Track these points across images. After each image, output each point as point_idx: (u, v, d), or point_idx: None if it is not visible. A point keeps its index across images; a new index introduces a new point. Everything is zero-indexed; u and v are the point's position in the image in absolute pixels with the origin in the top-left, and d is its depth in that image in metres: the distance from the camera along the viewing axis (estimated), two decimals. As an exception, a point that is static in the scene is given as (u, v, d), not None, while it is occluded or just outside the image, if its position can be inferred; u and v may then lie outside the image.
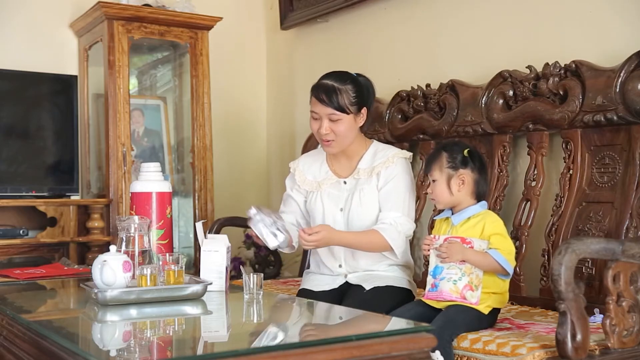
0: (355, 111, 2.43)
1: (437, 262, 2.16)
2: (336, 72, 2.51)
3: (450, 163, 2.20)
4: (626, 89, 2.32)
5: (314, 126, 2.46)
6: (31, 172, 3.53)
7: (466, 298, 2.09)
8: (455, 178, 2.19)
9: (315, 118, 2.45)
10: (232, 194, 4.05)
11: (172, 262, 2.12)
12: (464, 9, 3.08)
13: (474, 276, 2.10)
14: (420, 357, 1.56)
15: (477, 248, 2.11)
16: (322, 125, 2.42)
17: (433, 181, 2.23)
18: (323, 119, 2.42)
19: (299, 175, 2.59)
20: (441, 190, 2.21)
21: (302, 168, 2.61)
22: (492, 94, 2.77)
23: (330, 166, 2.57)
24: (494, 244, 2.11)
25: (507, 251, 2.11)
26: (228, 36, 4.05)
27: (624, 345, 1.92)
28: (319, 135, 2.45)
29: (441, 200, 2.22)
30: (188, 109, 3.82)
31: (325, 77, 2.48)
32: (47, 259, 3.36)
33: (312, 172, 2.59)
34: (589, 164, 2.48)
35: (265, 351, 1.47)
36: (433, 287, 2.15)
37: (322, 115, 2.42)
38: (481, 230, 2.14)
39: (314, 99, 2.45)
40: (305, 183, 2.57)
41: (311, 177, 2.58)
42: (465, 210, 2.19)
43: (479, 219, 2.16)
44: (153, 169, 2.47)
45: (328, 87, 2.42)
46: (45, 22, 3.73)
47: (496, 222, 2.16)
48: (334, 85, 2.42)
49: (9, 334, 1.92)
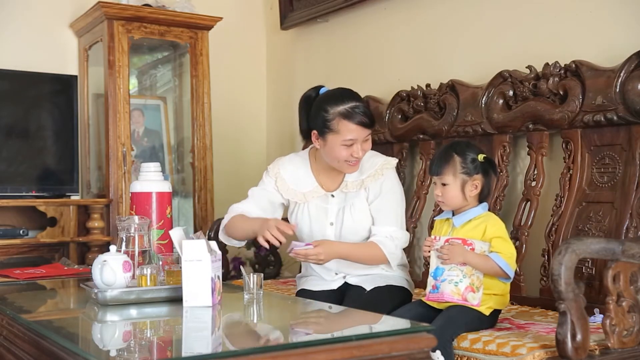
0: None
1: (438, 263, 2.15)
2: (348, 90, 2.42)
3: (465, 168, 2.16)
4: (626, 89, 2.32)
5: (345, 152, 2.34)
6: (31, 172, 3.53)
7: (467, 300, 2.09)
8: (469, 183, 2.16)
9: (349, 145, 2.34)
10: (232, 194, 4.04)
11: (172, 262, 2.12)
12: (464, 9, 3.08)
13: (475, 278, 2.10)
14: (420, 357, 1.56)
15: (478, 250, 2.11)
16: (357, 149, 2.34)
17: (443, 184, 2.18)
18: (358, 143, 2.34)
19: (281, 183, 2.52)
20: (454, 194, 2.17)
21: (284, 176, 2.53)
22: (492, 94, 2.77)
23: (317, 178, 2.51)
24: (495, 247, 2.10)
25: (508, 255, 2.10)
26: (228, 36, 4.05)
27: (624, 345, 1.91)
28: (350, 159, 2.36)
29: (452, 204, 2.19)
30: (188, 109, 3.82)
31: (349, 98, 2.36)
32: (47, 259, 3.36)
33: (295, 181, 2.52)
34: (589, 164, 2.48)
35: (265, 351, 1.47)
36: (434, 289, 2.15)
37: (359, 139, 2.34)
38: (483, 232, 2.13)
39: (350, 124, 2.31)
40: (289, 192, 2.50)
41: (294, 187, 2.51)
42: (467, 212, 2.18)
43: (481, 220, 2.15)
44: (153, 169, 2.47)
45: (364, 109, 2.34)
46: (45, 22, 3.74)
47: (498, 225, 2.15)
48: (362, 104, 2.36)
49: (9, 334, 1.92)
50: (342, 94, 2.39)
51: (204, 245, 1.93)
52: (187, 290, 1.92)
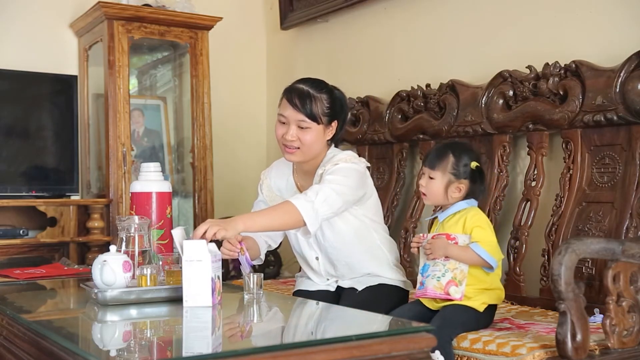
0: (326, 122, 2.32)
1: (425, 260, 2.18)
2: (312, 79, 2.39)
3: (455, 170, 2.17)
4: (626, 89, 2.32)
5: (280, 131, 2.32)
6: (31, 172, 3.53)
7: (450, 294, 2.10)
8: (454, 185, 2.17)
9: (283, 122, 2.32)
10: (232, 194, 4.05)
11: (172, 262, 2.12)
12: (464, 9, 3.08)
13: (457, 271, 2.11)
14: (420, 357, 1.56)
15: (461, 243, 2.12)
16: (289, 131, 2.29)
17: (430, 178, 2.20)
18: (291, 125, 2.30)
19: (267, 190, 2.51)
20: (436, 190, 2.19)
21: (269, 182, 2.52)
22: (492, 94, 2.77)
23: (297, 181, 2.48)
24: (474, 237, 2.11)
25: (487, 243, 2.10)
26: (228, 36, 4.05)
27: (624, 345, 1.92)
28: (283, 141, 2.32)
29: (432, 198, 2.21)
30: (188, 109, 3.82)
31: (300, 81, 2.36)
32: (47, 259, 3.36)
33: (278, 186, 2.50)
34: (589, 164, 2.48)
35: (265, 351, 1.46)
36: (420, 285, 2.17)
37: (291, 120, 2.30)
38: (462, 225, 2.14)
39: (285, 101, 2.32)
40: (274, 199, 2.47)
41: (278, 192, 2.49)
42: (451, 207, 2.20)
43: (461, 214, 2.17)
44: (153, 169, 2.46)
45: (303, 92, 2.30)
46: (45, 22, 3.74)
47: (477, 216, 2.15)
48: (310, 91, 2.31)
49: (9, 334, 1.92)
50: (306, 77, 2.40)
51: (204, 245, 1.93)
52: (187, 290, 1.91)
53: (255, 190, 2.58)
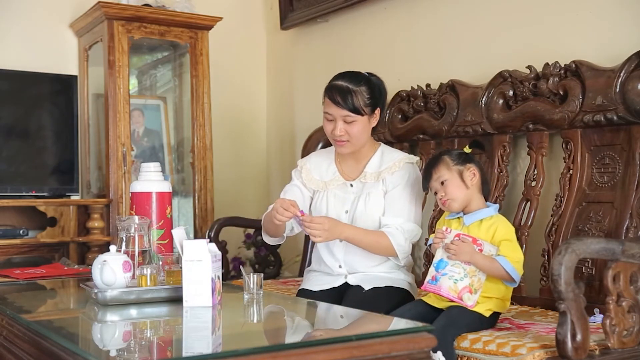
0: (369, 112, 2.42)
1: (444, 256, 2.14)
2: (349, 73, 2.49)
3: (456, 161, 2.21)
4: (626, 89, 2.32)
5: (328, 127, 2.44)
6: (31, 172, 3.53)
7: (463, 299, 2.09)
8: (466, 171, 2.19)
9: (330, 119, 2.43)
10: (232, 194, 4.05)
11: (172, 262, 2.12)
12: (464, 9, 3.08)
13: (475, 279, 2.09)
14: (421, 357, 1.56)
15: (486, 252, 2.10)
16: (337, 127, 2.40)
17: (442, 183, 2.20)
18: (337, 121, 2.40)
19: (306, 173, 2.59)
20: (456, 186, 2.18)
21: (309, 166, 2.60)
22: (492, 94, 2.77)
23: (339, 167, 2.57)
24: (502, 250, 2.10)
25: (515, 259, 2.09)
26: (228, 36, 4.05)
27: (624, 345, 1.92)
28: (333, 136, 2.44)
29: (457, 196, 2.18)
30: (188, 109, 3.82)
31: (338, 77, 2.46)
32: (47, 259, 3.36)
33: (319, 171, 2.58)
34: (589, 164, 2.48)
35: (265, 351, 1.47)
36: (433, 280, 2.14)
37: (336, 117, 2.40)
38: (492, 234, 2.13)
39: (328, 100, 2.43)
40: (312, 182, 2.57)
41: (318, 177, 2.57)
42: (478, 212, 2.18)
43: (491, 222, 2.15)
44: (153, 169, 2.47)
45: (343, 89, 2.40)
46: (45, 22, 3.74)
47: (508, 228, 2.15)
48: (349, 86, 2.40)
49: (9, 334, 1.92)
50: (342, 72, 2.50)
51: (204, 245, 1.93)
52: (187, 290, 1.92)
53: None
